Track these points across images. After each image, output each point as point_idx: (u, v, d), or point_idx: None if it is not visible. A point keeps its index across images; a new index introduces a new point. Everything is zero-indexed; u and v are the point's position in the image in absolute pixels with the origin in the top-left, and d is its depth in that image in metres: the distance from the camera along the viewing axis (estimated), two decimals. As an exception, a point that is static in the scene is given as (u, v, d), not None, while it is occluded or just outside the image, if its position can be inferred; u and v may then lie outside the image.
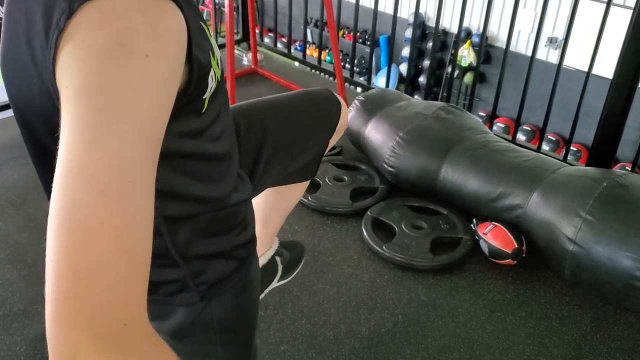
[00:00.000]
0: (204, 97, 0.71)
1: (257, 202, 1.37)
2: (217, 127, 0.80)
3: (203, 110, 0.73)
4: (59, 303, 0.52)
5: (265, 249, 1.45)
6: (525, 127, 6.27)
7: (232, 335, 0.96)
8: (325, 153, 1.31)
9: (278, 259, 1.51)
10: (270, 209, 1.40)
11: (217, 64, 0.73)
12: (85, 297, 0.52)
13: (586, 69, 2.65)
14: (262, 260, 1.43)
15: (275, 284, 1.52)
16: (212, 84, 0.71)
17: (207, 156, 0.80)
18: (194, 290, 0.86)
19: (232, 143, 0.89)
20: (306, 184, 1.36)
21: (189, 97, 0.67)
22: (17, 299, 1.98)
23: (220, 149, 0.83)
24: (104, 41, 0.55)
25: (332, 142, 1.29)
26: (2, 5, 0.72)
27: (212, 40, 0.73)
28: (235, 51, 3.31)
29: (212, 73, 0.70)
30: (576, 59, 2.73)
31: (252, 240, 0.95)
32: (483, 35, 3.13)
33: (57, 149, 0.55)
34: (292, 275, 1.62)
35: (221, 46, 3.89)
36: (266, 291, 1.50)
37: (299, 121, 1.20)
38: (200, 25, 0.69)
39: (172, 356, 0.59)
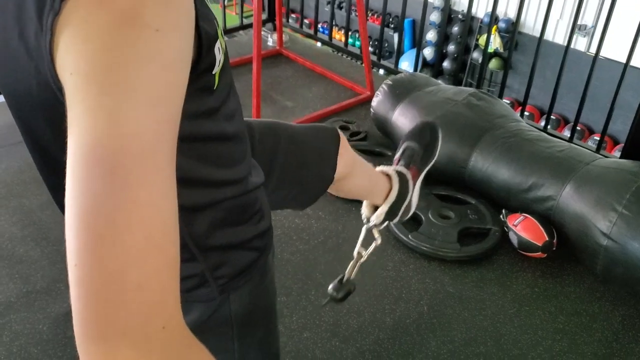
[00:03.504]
0: (213, 72, 0.66)
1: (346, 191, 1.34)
2: (230, 104, 0.76)
3: (215, 87, 0.69)
4: (89, 311, 0.47)
5: (385, 193, 1.37)
6: (550, 116, 6.14)
7: (249, 329, 0.91)
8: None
9: (405, 172, 1.43)
10: (353, 194, 1.37)
11: (221, 34, 0.68)
12: (118, 300, 0.47)
13: (615, 58, 2.57)
14: (390, 200, 1.36)
15: (419, 183, 1.49)
16: (220, 57, 0.66)
17: (224, 137, 0.76)
18: (213, 285, 0.81)
19: (243, 122, 0.85)
20: (359, 171, 1.31)
21: (198, 73, 0.63)
22: (40, 277, 1.97)
23: (235, 128, 0.79)
24: (110, 18, 0.50)
25: (342, 173, 1.23)
26: None
27: (213, 11, 0.69)
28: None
29: (218, 44, 0.65)
30: (604, 47, 2.63)
31: (269, 230, 0.91)
32: (517, 24, 3.04)
33: (58, 148, 0.51)
34: (435, 157, 1.56)
35: (247, 26, 3.85)
36: (415, 195, 1.47)
37: (306, 145, 1.17)
38: None
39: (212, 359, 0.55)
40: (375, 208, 1.40)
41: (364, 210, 1.42)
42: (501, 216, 2.23)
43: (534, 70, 2.88)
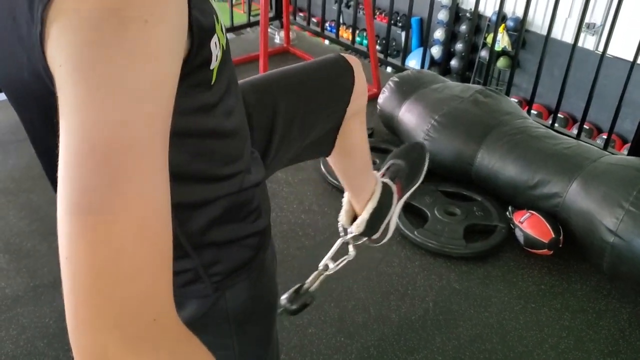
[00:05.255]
0: (211, 68, 0.65)
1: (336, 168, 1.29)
2: (230, 100, 0.75)
3: (212, 82, 0.67)
4: (80, 303, 0.48)
5: (369, 194, 1.33)
6: (558, 115, 6.11)
7: (248, 326, 0.91)
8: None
9: (391, 184, 1.39)
10: (348, 168, 1.29)
11: (222, 29, 0.67)
12: (109, 293, 0.48)
13: (622, 56, 2.56)
14: (372, 205, 1.32)
15: (401, 203, 1.42)
16: (217, 52, 0.65)
17: (222, 133, 0.75)
18: (207, 282, 0.81)
19: (244, 118, 0.84)
20: (361, 123, 1.24)
21: (191, 67, 0.61)
22: (47, 271, 1.98)
23: (234, 124, 0.78)
24: (97, 10, 0.49)
25: (354, 109, 1.17)
26: None
27: (214, 5, 0.67)
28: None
29: (215, 39, 0.64)
30: (611, 46, 2.62)
31: (267, 228, 0.90)
32: (524, 23, 3.03)
33: (53, 140, 0.50)
34: (421, 178, 1.51)
35: (254, 24, 3.85)
36: (395, 215, 1.40)
37: (311, 92, 1.11)
38: None
39: (206, 353, 0.55)
40: (354, 219, 1.36)
41: (342, 218, 1.36)
42: (507, 213, 2.22)
43: (540, 69, 2.86)
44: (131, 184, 0.49)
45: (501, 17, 6.53)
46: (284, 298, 1.27)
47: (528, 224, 2.11)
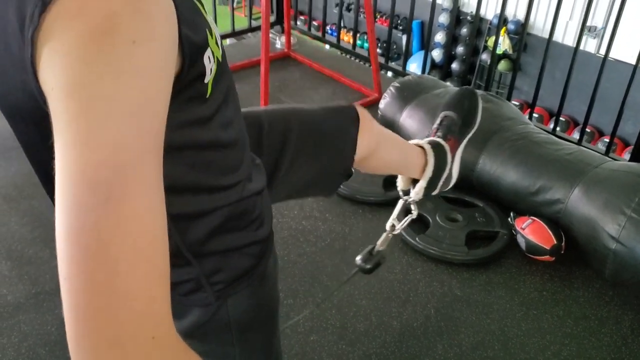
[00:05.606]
0: (205, 82, 0.65)
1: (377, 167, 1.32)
2: (227, 112, 0.75)
3: (208, 95, 0.67)
4: (79, 321, 0.49)
5: (420, 167, 1.35)
6: (559, 118, 6.11)
7: (249, 335, 0.92)
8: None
9: (443, 143, 1.40)
10: (385, 172, 1.35)
11: (216, 43, 0.67)
12: (106, 311, 0.49)
13: (625, 59, 2.55)
14: (428, 175, 1.35)
15: (458, 155, 1.46)
16: (211, 66, 0.65)
17: (219, 144, 0.76)
18: (209, 290, 0.82)
19: (243, 128, 0.84)
20: (380, 156, 1.27)
21: (184, 82, 0.62)
22: (49, 277, 1.98)
23: (232, 136, 0.78)
24: (85, 32, 0.50)
25: (364, 154, 1.18)
26: None
27: (209, 18, 0.68)
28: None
29: (208, 53, 0.64)
30: (615, 49, 2.62)
31: (269, 237, 0.91)
32: (525, 26, 3.03)
33: (51, 156, 0.51)
34: (477, 125, 1.54)
35: (255, 29, 3.86)
36: (455, 165, 1.45)
37: (320, 127, 1.14)
38: (191, 1, 0.63)
39: None
40: (412, 180, 1.39)
41: (400, 183, 1.40)
42: (509, 219, 2.22)
43: (542, 72, 2.86)
44: (124, 203, 0.50)
45: (502, 20, 6.51)
46: (358, 258, 1.34)
47: (530, 230, 2.10)
